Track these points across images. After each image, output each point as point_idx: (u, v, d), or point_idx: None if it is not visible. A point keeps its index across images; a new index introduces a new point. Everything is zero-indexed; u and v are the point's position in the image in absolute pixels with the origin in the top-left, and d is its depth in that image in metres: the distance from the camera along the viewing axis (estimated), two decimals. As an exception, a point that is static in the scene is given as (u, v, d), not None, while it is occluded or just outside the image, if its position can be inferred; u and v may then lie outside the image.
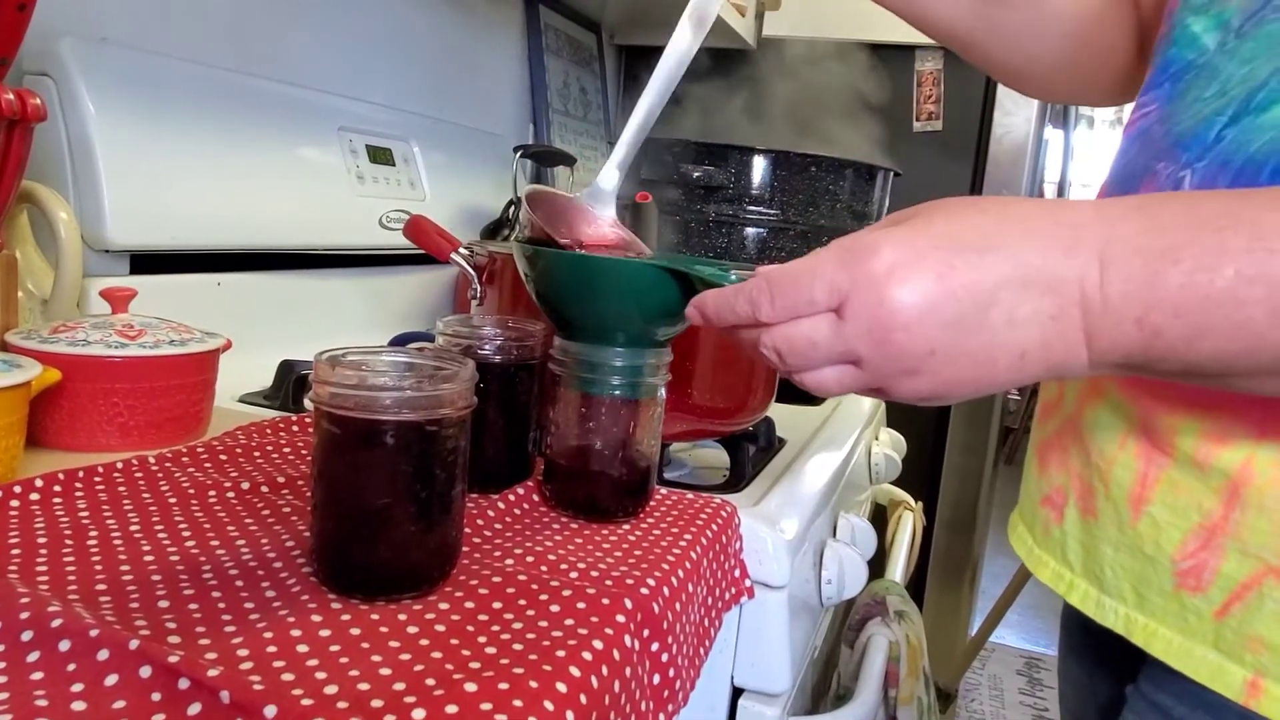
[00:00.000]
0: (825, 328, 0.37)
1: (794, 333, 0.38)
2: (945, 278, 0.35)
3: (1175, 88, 0.47)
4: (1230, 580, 0.41)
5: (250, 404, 0.75)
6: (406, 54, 1.24)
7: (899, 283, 0.35)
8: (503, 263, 0.70)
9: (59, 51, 0.73)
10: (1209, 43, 0.46)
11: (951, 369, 0.36)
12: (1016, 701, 2.16)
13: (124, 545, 0.44)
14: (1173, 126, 0.46)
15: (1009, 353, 0.36)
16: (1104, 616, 0.47)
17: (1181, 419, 0.43)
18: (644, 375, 0.54)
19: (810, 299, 0.37)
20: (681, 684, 0.48)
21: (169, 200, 0.80)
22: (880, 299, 0.35)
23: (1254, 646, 0.40)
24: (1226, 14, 0.45)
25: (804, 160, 0.99)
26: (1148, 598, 0.45)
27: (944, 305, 0.35)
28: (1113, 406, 0.47)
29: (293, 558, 0.45)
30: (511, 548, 0.49)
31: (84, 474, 0.51)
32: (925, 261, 0.35)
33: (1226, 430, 0.41)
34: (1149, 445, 0.45)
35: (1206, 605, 0.42)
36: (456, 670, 0.36)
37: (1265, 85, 0.41)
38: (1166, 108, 0.48)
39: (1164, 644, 0.44)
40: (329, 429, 0.41)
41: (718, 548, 0.55)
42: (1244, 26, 0.44)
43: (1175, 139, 0.45)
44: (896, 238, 0.36)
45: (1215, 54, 0.45)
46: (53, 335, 0.57)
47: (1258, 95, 0.41)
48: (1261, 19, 0.43)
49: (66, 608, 0.36)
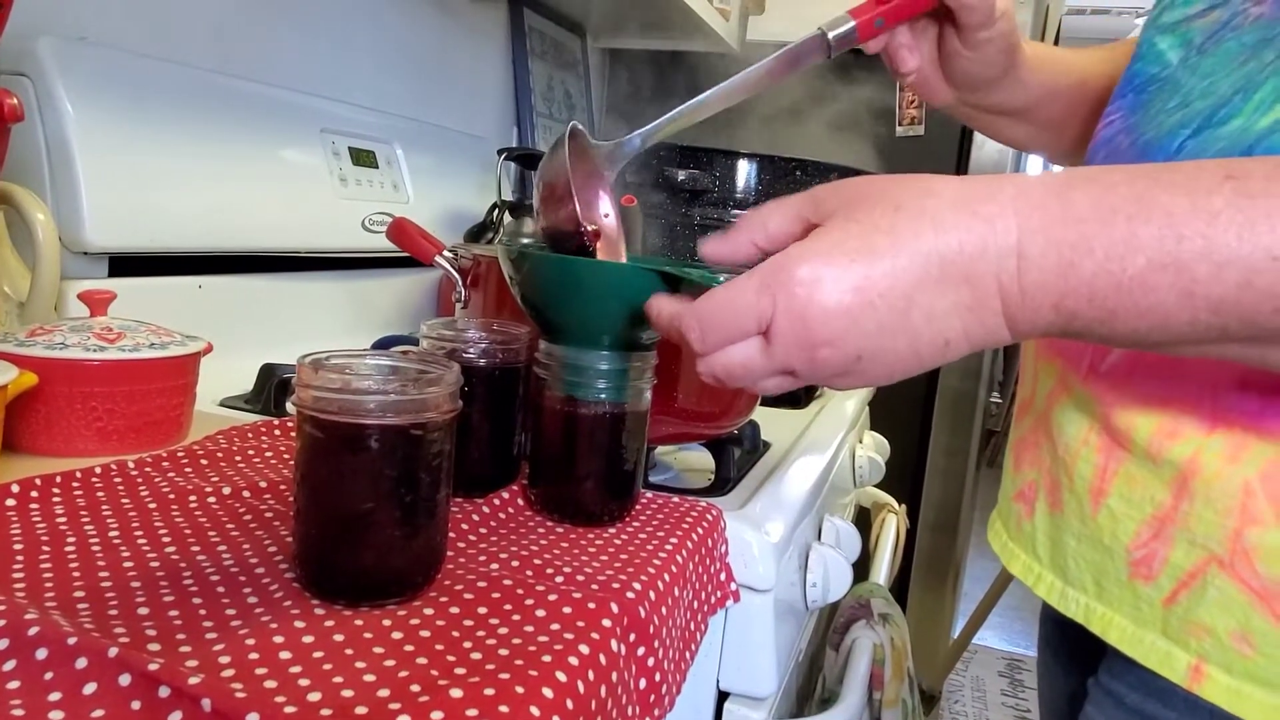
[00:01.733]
0: (756, 353, 0.39)
1: (728, 361, 0.40)
2: (862, 290, 0.36)
3: (1139, 99, 0.49)
4: (1178, 569, 0.42)
5: (231, 408, 0.75)
6: (390, 56, 1.23)
7: (819, 304, 0.37)
8: (487, 266, 0.70)
9: (36, 51, 0.72)
10: (1172, 58, 0.48)
11: (879, 366, 0.38)
12: (999, 703, 2.18)
13: (103, 551, 0.43)
14: (1138, 136, 0.48)
15: (932, 344, 0.37)
16: (1067, 607, 0.49)
17: (1139, 413, 0.44)
18: (629, 379, 0.54)
19: (738, 327, 0.39)
20: (668, 688, 0.47)
21: (149, 202, 0.79)
22: (804, 321, 0.37)
23: (1197, 632, 0.42)
24: (1191, 33, 0.47)
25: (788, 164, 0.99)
26: (1106, 587, 0.46)
27: (864, 316, 0.37)
28: (1078, 403, 0.48)
29: (275, 563, 0.44)
30: (497, 552, 0.49)
31: (61, 479, 0.51)
32: (842, 278, 0.36)
33: (1178, 423, 0.43)
34: (1109, 440, 0.46)
35: (1156, 593, 0.43)
36: (442, 676, 0.36)
37: (1228, 102, 0.43)
38: (1131, 118, 0.49)
39: (1119, 632, 0.45)
40: (312, 433, 0.40)
41: (703, 551, 0.55)
42: (1205, 44, 0.46)
43: (1140, 148, 0.47)
44: (811, 254, 0.37)
45: (1177, 68, 0.47)
46: (30, 338, 0.56)
47: (1220, 111, 0.43)
48: (1221, 38, 0.45)
49: (44, 615, 0.35)
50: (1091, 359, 0.47)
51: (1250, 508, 0.40)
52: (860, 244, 0.37)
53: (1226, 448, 0.41)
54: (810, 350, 0.38)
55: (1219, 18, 0.46)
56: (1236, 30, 0.44)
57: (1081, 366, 0.48)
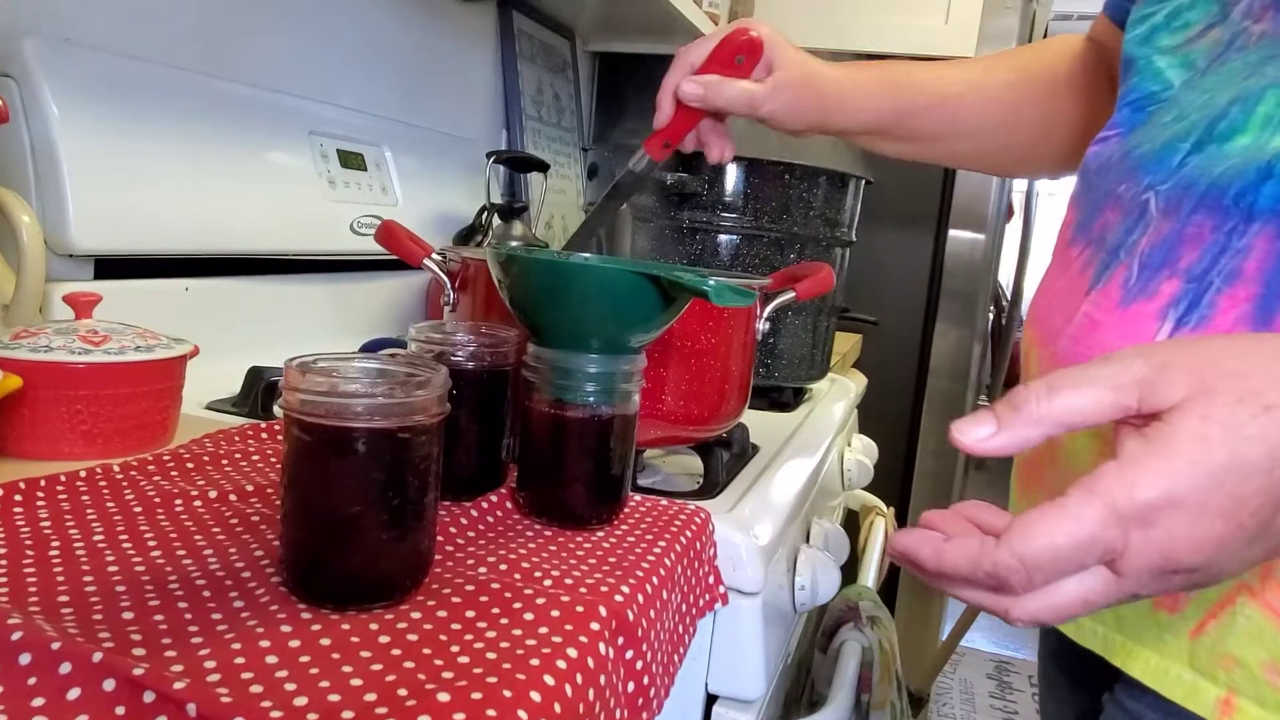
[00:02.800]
0: (1100, 585, 0.34)
1: (1061, 601, 0.34)
2: (1232, 515, 0.31)
3: (1138, 116, 0.49)
4: (1206, 599, 0.41)
5: (218, 411, 0.74)
6: (379, 58, 1.23)
7: (1185, 537, 0.32)
8: (476, 269, 0.70)
9: (21, 52, 0.72)
10: (1174, 78, 0.47)
11: (1230, 572, 0.34)
12: (987, 705, 2.18)
13: (87, 556, 0.43)
14: (1133, 150, 0.47)
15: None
16: (1083, 637, 0.48)
17: None
18: (618, 382, 0.54)
19: (1077, 564, 0.33)
20: (656, 691, 0.47)
21: (135, 204, 0.79)
22: (1165, 555, 0.32)
23: (1227, 664, 0.40)
24: (1193, 55, 0.47)
25: (777, 168, 0.99)
26: (1125, 617, 0.45)
27: (1233, 539, 0.32)
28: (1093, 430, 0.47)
29: (261, 567, 0.44)
30: (485, 555, 0.49)
31: (46, 483, 0.50)
32: (1209, 504, 0.31)
33: None
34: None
35: (1183, 624, 0.42)
36: (429, 680, 0.35)
37: (1225, 115, 0.42)
38: (1129, 135, 0.49)
39: (1142, 665, 0.44)
40: (299, 436, 0.40)
41: (692, 554, 0.55)
42: (1209, 66, 0.45)
43: (1136, 162, 0.47)
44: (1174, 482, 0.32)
45: (1180, 89, 0.47)
46: (14, 341, 0.56)
47: (1219, 124, 0.42)
48: (1225, 59, 0.45)
49: (27, 620, 0.35)
50: None
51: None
52: (1228, 459, 0.31)
53: None
54: (1166, 578, 0.33)
55: (1219, 37, 0.45)
56: (1241, 50, 0.43)
57: None
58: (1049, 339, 0.52)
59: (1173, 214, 0.44)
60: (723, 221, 1.00)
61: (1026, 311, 0.59)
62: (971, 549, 0.34)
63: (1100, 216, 0.49)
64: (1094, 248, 0.50)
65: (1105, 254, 0.48)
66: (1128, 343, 0.45)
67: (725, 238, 1.01)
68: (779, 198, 1.00)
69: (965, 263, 1.77)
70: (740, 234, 1.01)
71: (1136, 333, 0.45)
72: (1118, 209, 0.48)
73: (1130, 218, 0.47)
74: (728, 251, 1.02)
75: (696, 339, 0.66)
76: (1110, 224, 0.48)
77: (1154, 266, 0.45)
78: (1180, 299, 0.43)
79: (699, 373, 0.67)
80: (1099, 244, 0.49)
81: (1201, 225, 0.43)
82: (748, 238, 1.01)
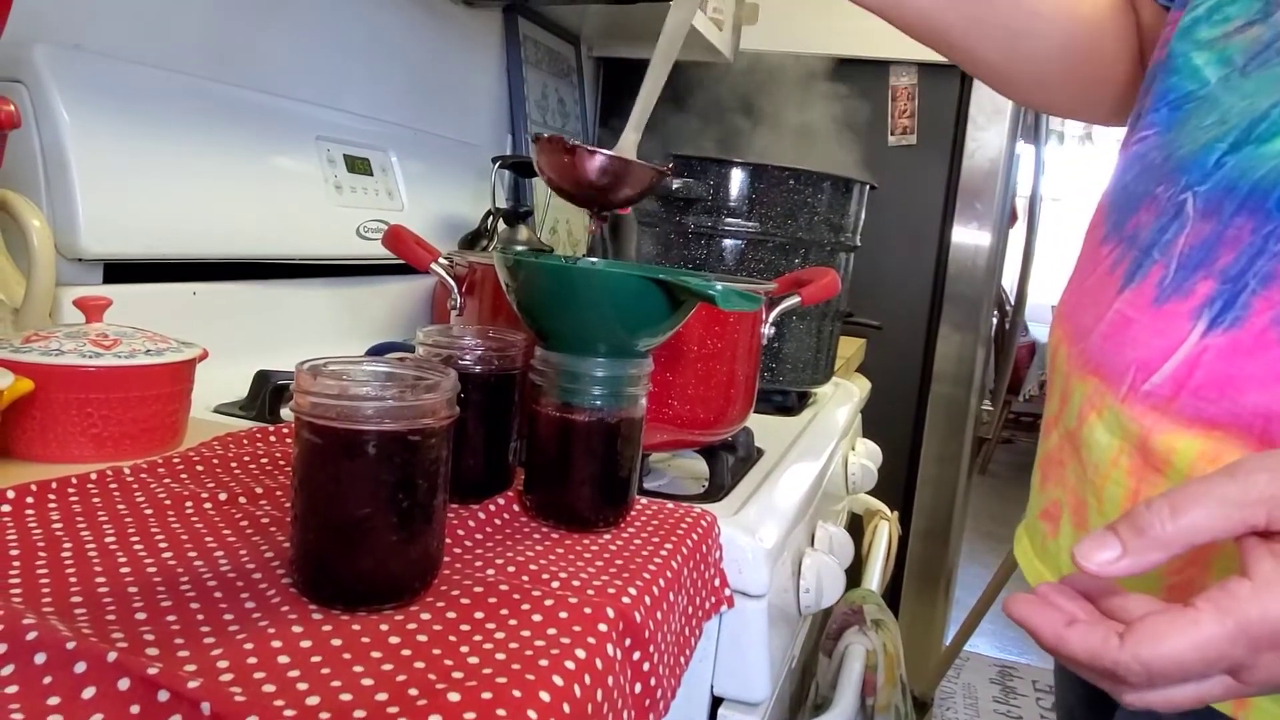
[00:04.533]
0: (1219, 690, 0.34)
1: (1178, 698, 0.34)
2: None
3: (1174, 115, 0.49)
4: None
5: (226, 414, 0.75)
6: (385, 64, 1.23)
7: None
8: (482, 273, 0.70)
9: (32, 58, 0.73)
10: (1211, 76, 0.47)
11: None
12: (990, 710, 2.18)
13: (99, 557, 0.43)
14: (1173, 152, 0.47)
15: None
16: None
17: (1180, 437, 0.43)
18: (625, 386, 0.54)
19: (1202, 677, 0.34)
20: (663, 693, 0.48)
21: (144, 209, 0.79)
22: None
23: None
24: (1229, 51, 0.46)
25: (781, 173, 0.99)
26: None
27: None
28: (1110, 423, 0.47)
29: (272, 568, 0.44)
30: (493, 558, 0.49)
31: (57, 485, 0.51)
32: None
33: (1222, 449, 0.42)
34: (1142, 462, 0.45)
35: None
36: (439, 680, 0.36)
37: (1267, 117, 0.42)
38: (1166, 134, 0.49)
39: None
40: (310, 439, 0.40)
41: (698, 557, 0.55)
42: (1248, 66, 0.45)
43: (1176, 164, 0.46)
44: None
45: (1216, 86, 0.46)
46: (25, 344, 0.56)
47: (1260, 126, 0.42)
48: (1266, 61, 0.44)
49: (41, 620, 0.35)
50: (1134, 378, 0.46)
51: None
52: None
53: None
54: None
55: (1259, 35, 0.45)
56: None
57: (1121, 386, 0.47)
58: (1079, 336, 0.51)
59: (1213, 215, 0.44)
60: (728, 226, 1.01)
61: (1054, 310, 0.59)
62: (1093, 642, 0.34)
63: (1134, 216, 0.49)
64: (1124, 246, 0.50)
65: (1138, 253, 0.48)
66: (1160, 340, 0.45)
67: (730, 242, 1.02)
68: (784, 203, 1.00)
69: (968, 267, 1.77)
70: (745, 239, 1.01)
71: (1169, 331, 0.45)
72: (1153, 209, 0.47)
73: (1165, 217, 0.47)
74: (733, 256, 1.02)
75: (702, 343, 0.66)
76: (1144, 224, 0.48)
77: (1190, 266, 0.45)
78: (1215, 299, 0.43)
79: (705, 377, 0.67)
80: (1130, 243, 0.49)
81: (1242, 228, 0.43)
82: (753, 242, 1.01)
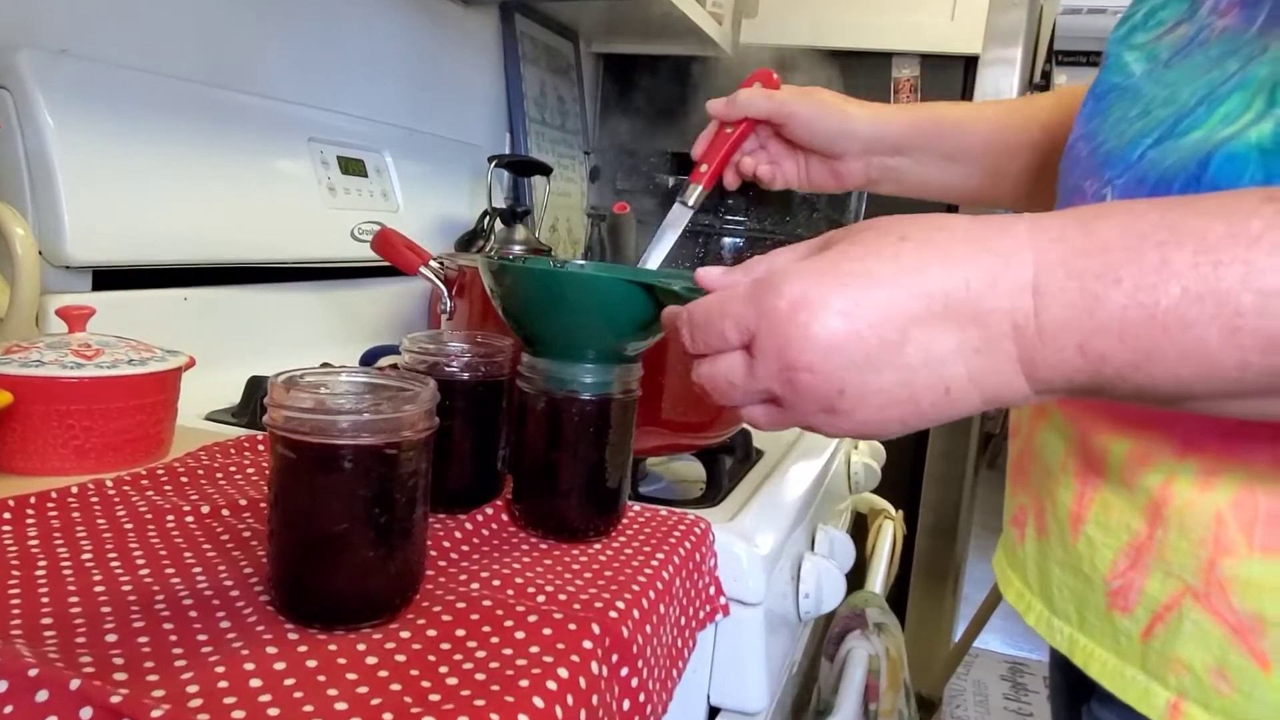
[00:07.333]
0: (740, 367, 0.37)
1: (714, 371, 0.38)
2: (850, 316, 0.33)
3: (1098, 106, 0.49)
4: (1154, 600, 0.41)
5: (218, 421, 0.74)
6: (379, 63, 1.22)
7: (802, 323, 0.34)
8: (472, 276, 0.69)
9: (16, 63, 0.72)
10: (1136, 70, 0.47)
11: (867, 408, 0.35)
12: (1001, 707, 2.16)
13: (74, 575, 0.43)
14: (1099, 146, 0.47)
15: (931, 389, 0.34)
16: (1053, 637, 0.48)
17: (1113, 438, 0.43)
18: (614, 391, 0.53)
19: (722, 335, 0.37)
20: (653, 708, 0.47)
21: (132, 214, 0.78)
22: (785, 339, 0.34)
23: (1175, 668, 0.40)
24: (1158, 49, 0.47)
25: (780, 169, 0.98)
26: (1087, 618, 0.45)
27: (849, 345, 0.33)
28: (1056, 427, 0.47)
29: (250, 586, 0.43)
30: (478, 570, 0.48)
31: (36, 499, 0.50)
32: (830, 300, 0.34)
33: (1150, 448, 0.41)
34: (1084, 465, 0.45)
35: (1134, 626, 0.42)
36: (416, 703, 0.35)
37: (1191, 112, 0.42)
38: (1089, 125, 0.49)
39: (1100, 665, 0.44)
40: (284, 453, 0.39)
41: (691, 566, 0.54)
42: (1171, 59, 0.45)
43: (1102, 157, 0.46)
44: (804, 273, 0.35)
45: (1140, 78, 0.47)
46: (5, 355, 0.55)
47: (1183, 121, 0.42)
48: (1188, 53, 0.44)
49: (6, 645, 0.34)
50: None
51: (1223, 537, 0.38)
52: (857, 267, 0.34)
53: (1198, 474, 0.39)
54: (789, 373, 0.35)
55: (1186, 33, 0.45)
56: (1204, 45, 0.43)
57: None
58: None
59: None
60: (726, 224, 0.99)
61: None
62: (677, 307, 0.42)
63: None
64: None
65: None
66: None
67: (729, 240, 1.00)
68: (783, 199, 0.99)
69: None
70: (744, 236, 1.00)
71: None
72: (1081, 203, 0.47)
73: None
74: (731, 254, 1.01)
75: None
76: None
77: None
78: None
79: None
80: None
81: None
82: (752, 240, 1.00)
